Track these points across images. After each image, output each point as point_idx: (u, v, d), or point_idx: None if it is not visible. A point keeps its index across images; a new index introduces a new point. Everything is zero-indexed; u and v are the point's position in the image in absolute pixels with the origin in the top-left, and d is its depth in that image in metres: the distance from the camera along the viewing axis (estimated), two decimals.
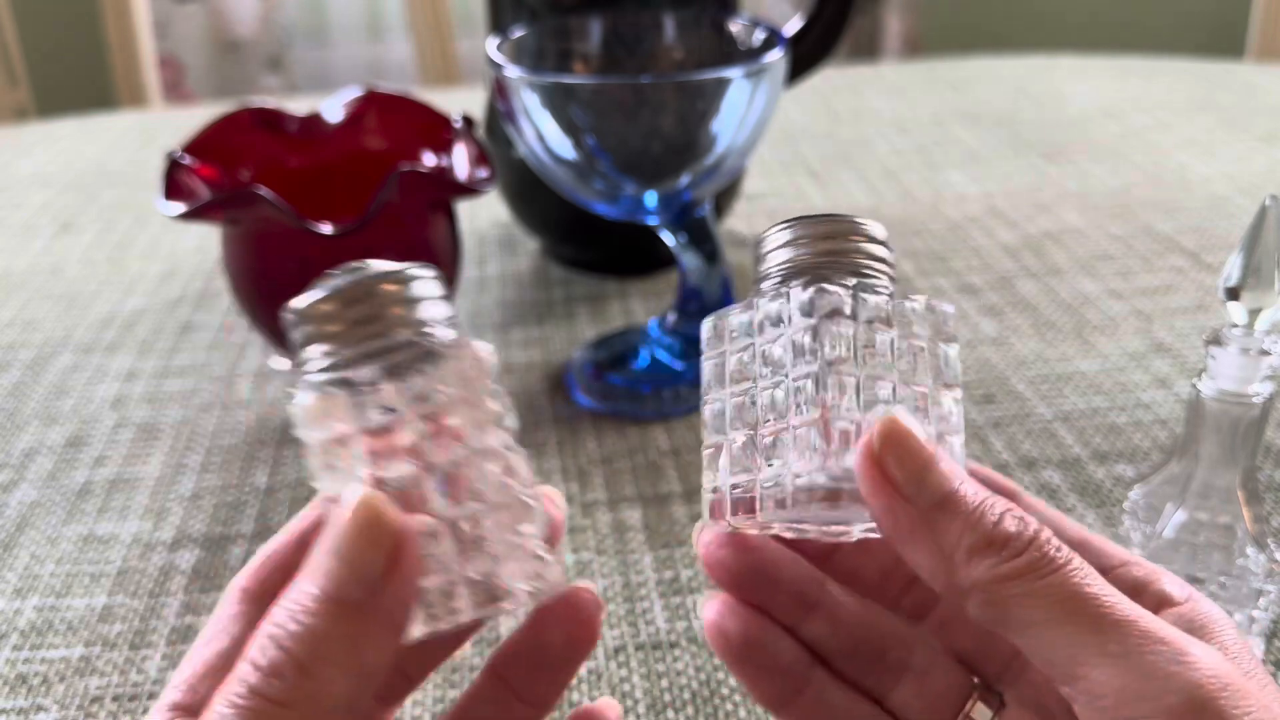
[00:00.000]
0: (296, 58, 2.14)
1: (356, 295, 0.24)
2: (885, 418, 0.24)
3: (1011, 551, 0.23)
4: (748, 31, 0.55)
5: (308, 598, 0.22)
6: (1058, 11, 2.09)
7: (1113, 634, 0.22)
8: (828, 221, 0.27)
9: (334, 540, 0.23)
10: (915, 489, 0.24)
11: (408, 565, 0.23)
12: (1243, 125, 0.91)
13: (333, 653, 0.22)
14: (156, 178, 0.53)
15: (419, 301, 0.24)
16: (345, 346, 0.24)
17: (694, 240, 0.55)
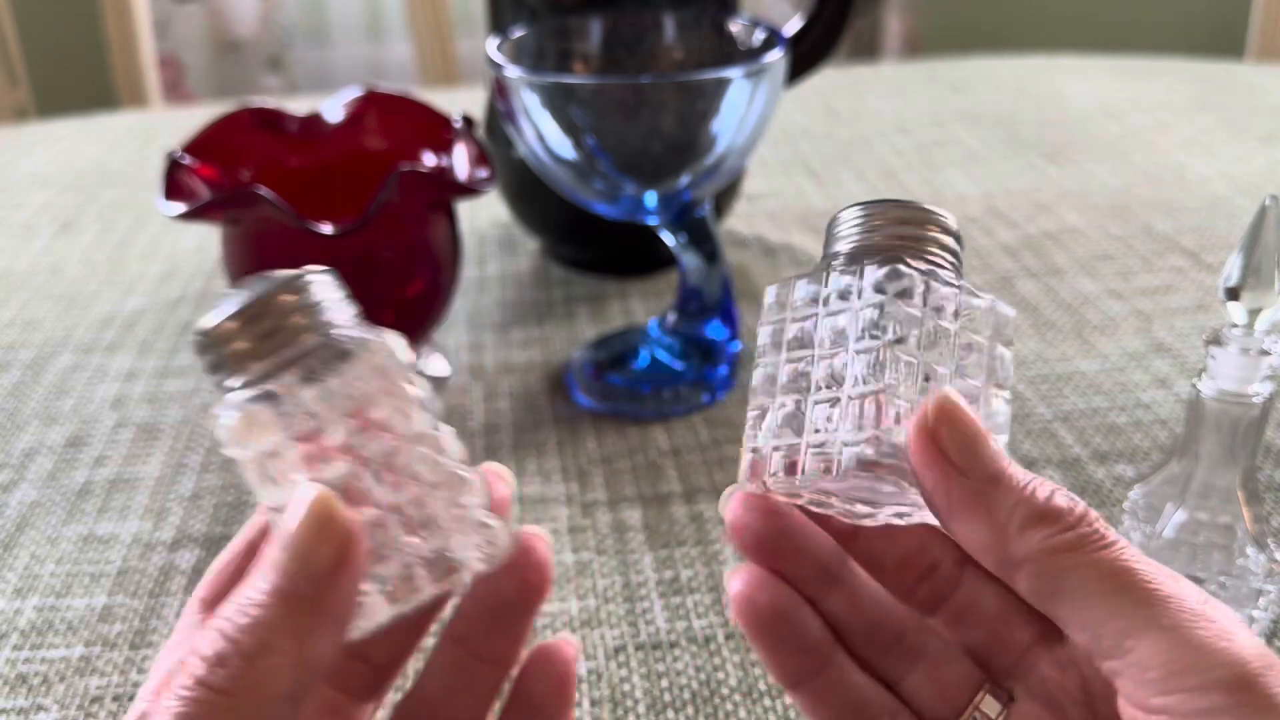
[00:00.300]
0: (296, 58, 2.14)
1: (258, 310, 0.25)
2: (940, 394, 0.25)
3: (1063, 525, 0.24)
4: (748, 31, 0.55)
5: (257, 592, 0.23)
6: (1058, 11, 2.09)
7: (1162, 608, 0.23)
8: (906, 207, 0.27)
9: (285, 536, 0.23)
10: (969, 462, 0.24)
11: (356, 561, 0.23)
12: (1243, 125, 0.91)
13: (279, 644, 0.22)
14: (156, 178, 0.53)
15: (320, 305, 0.25)
16: (257, 360, 0.24)
17: (694, 240, 0.55)
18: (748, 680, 0.40)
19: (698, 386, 0.56)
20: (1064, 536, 0.24)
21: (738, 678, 0.40)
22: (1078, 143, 0.89)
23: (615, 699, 0.39)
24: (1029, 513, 0.24)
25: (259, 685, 0.22)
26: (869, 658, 0.30)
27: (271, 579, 0.23)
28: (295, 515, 0.23)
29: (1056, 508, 0.24)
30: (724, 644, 0.41)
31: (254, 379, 0.24)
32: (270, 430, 0.24)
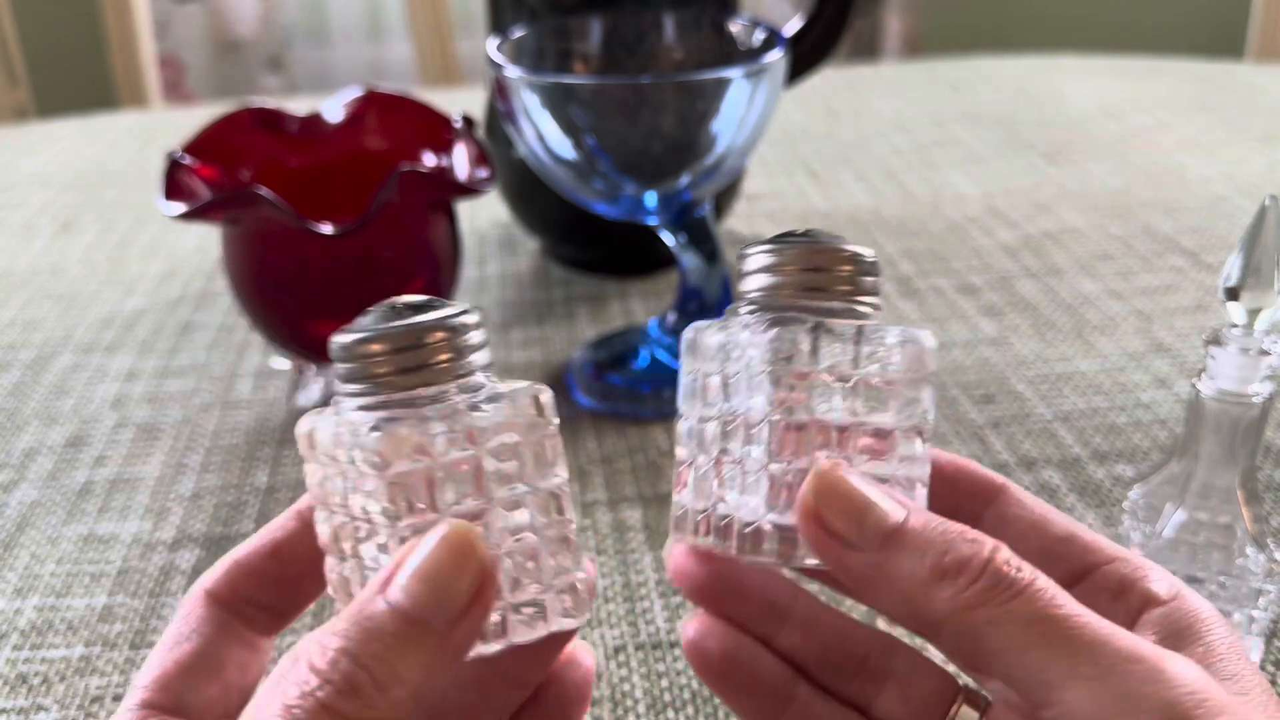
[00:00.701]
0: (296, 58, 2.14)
1: (433, 336, 0.24)
2: (816, 471, 0.24)
3: (969, 577, 0.23)
4: (748, 31, 0.55)
5: (389, 619, 0.22)
6: (1058, 11, 2.09)
7: (1085, 655, 0.22)
8: (808, 248, 0.26)
9: (423, 566, 0.22)
10: (857, 534, 0.24)
11: (489, 598, 0.23)
12: (1243, 125, 0.91)
13: (409, 676, 0.22)
14: (156, 178, 0.53)
15: (478, 344, 0.25)
16: (411, 385, 0.24)
17: (694, 240, 0.55)
18: None
19: None
20: (973, 590, 0.22)
21: None
22: (1078, 143, 0.89)
23: (615, 699, 0.39)
24: (931, 570, 0.23)
25: (383, 718, 0.21)
26: (835, 686, 0.29)
27: (405, 606, 0.22)
28: (432, 546, 0.23)
29: (959, 559, 0.23)
30: None
31: (409, 401, 0.24)
32: (417, 453, 0.24)
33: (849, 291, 0.26)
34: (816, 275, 0.26)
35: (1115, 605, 0.26)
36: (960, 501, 0.28)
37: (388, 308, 0.25)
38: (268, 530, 0.28)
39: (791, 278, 0.26)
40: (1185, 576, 0.36)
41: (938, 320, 0.63)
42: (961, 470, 0.29)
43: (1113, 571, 0.26)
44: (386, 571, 0.23)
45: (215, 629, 0.27)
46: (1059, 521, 0.27)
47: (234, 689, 0.27)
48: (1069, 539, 0.27)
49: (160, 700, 0.25)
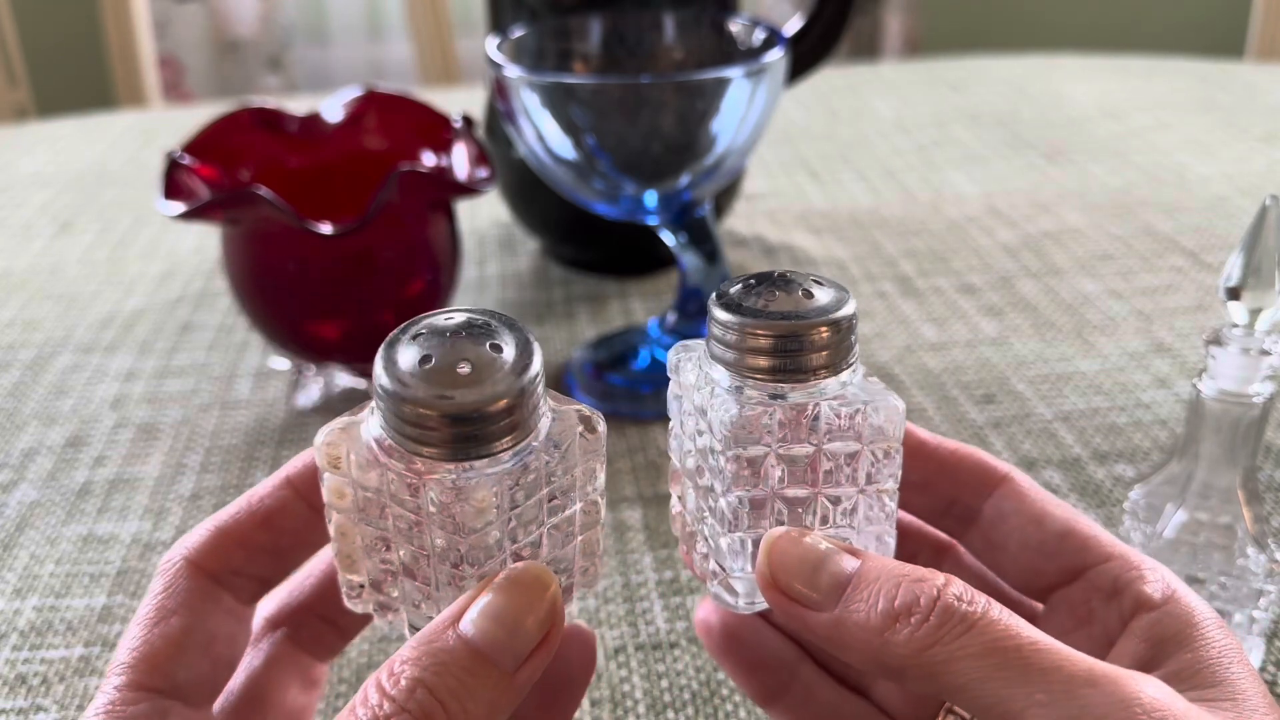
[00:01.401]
0: (296, 58, 2.14)
1: (498, 406, 0.23)
2: (765, 540, 0.24)
3: (920, 616, 0.23)
4: (748, 31, 0.55)
5: (463, 653, 0.22)
6: (1058, 11, 2.09)
7: (1040, 682, 0.22)
8: (780, 326, 0.25)
9: (497, 606, 0.23)
10: (817, 591, 0.24)
11: (554, 642, 0.23)
12: (1243, 125, 0.91)
13: (477, 713, 0.22)
14: (156, 178, 0.53)
15: (541, 391, 0.24)
16: (481, 455, 0.23)
17: (694, 240, 0.55)
18: None
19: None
20: (925, 629, 0.22)
21: None
22: (1078, 143, 0.89)
23: (615, 699, 0.39)
24: (883, 617, 0.23)
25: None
26: (837, 668, 0.30)
27: (478, 644, 0.22)
28: (507, 586, 0.23)
29: (907, 602, 0.23)
30: None
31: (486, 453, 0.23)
32: (491, 508, 0.23)
33: (820, 366, 0.25)
34: (787, 357, 0.25)
35: (1108, 607, 0.26)
36: (959, 492, 0.28)
37: (442, 346, 0.23)
38: (254, 499, 0.27)
39: (761, 355, 0.25)
40: (1186, 577, 0.36)
41: (938, 320, 0.63)
42: (963, 459, 0.28)
43: (1107, 571, 0.26)
44: (457, 606, 0.23)
45: (203, 601, 0.26)
46: (1058, 516, 0.27)
47: (222, 664, 0.26)
48: (1066, 534, 0.27)
49: (148, 680, 0.25)
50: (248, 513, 0.27)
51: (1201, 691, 0.23)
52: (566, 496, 0.25)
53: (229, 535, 0.26)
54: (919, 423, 0.54)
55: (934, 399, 0.56)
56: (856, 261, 0.71)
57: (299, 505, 0.27)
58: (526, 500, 0.24)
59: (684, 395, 0.27)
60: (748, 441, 0.25)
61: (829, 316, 0.25)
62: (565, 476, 0.25)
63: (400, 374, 0.22)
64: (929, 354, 0.60)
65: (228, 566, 0.26)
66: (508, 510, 0.24)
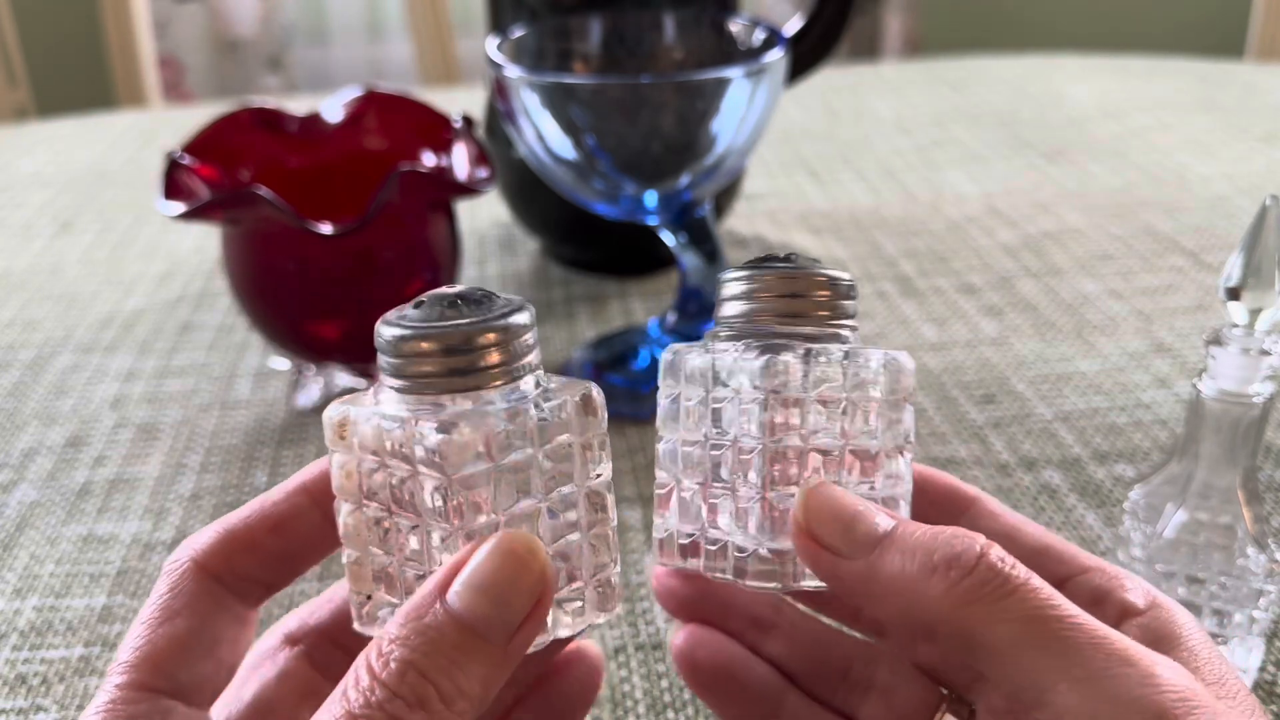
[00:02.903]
0: (296, 58, 2.14)
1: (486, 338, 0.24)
2: (804, 489, 0.25)
3: (961, 570, 0.23)
4: (748, 31, 0.55)
5: (451, 629, 0.22)
6: (1058, 12, 2.09)
7: (1077, 657, 0.22)
8: (785, 275, 0.26)
9: (482, 576, 0.22)
10: (849, 544, 0.24)
11: (544, 611, 0.23)
12: (1243, 125, 0.91)
13: (470, 689, 0.22)
14: (156, 178, 0.53)
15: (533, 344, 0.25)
16: (471, 387, 0.24)
17: (694, 240, 0.55)
18: None
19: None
20: (965, 584, 0.22)
21: None
22: (1078, 143, 0.89)
23: (615, 699, 0.39)
24: (922, 566, 0.23)
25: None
26: (820, 695, 0.30)
27: (465, 619, 0.22)
28: (491, 555, 0.22)
29: (950, 554, 0.23)
30: None
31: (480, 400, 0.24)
32: (480, 456, 0.23)
33: (828, 316, 0.26)
34: (796, 301, 0.26)
35: (1093, 614, 0.26)
36: (929, 512, 0.28)
37: (439, 300, 0.24)
38: (266, 504, 0.27)
39: (771, 304, 0.26)
40: (1186, 577, 0.36)
41: (938, 320, 0.63)
42: (930, 481, 0.29)
43: (1086, 582, 0.26)
44: (443, 574, 0.23)
45: (208, 603, 0.26)
46: (1032, 533, 0.27)
47: (224, 667, 0.26)
48: (1043, 550, 0.27)
49: (150, 680, 0.24)
50: (259, 517, 0.27)
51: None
52: (563, 468, 0.25)
53: (238, 539, 0.26)
54: (919, 422, 0.54)
55: (934, 399, 0.56)
56: (856, 261, 0.71)
57: (312, 512, 0.27)
58: (515, 455, 0.24)
59: (685, 382, 0.27)
60: (779, 388, 0.25)
61: (834, 272, 0.27)
62: (561, 445, 0.25)
63: (395, 316, 0.24)
64: (929, 354, 0.60)
65: (234, 570, 0.26)
66: (495, 455, 0.23)
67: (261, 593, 0.27)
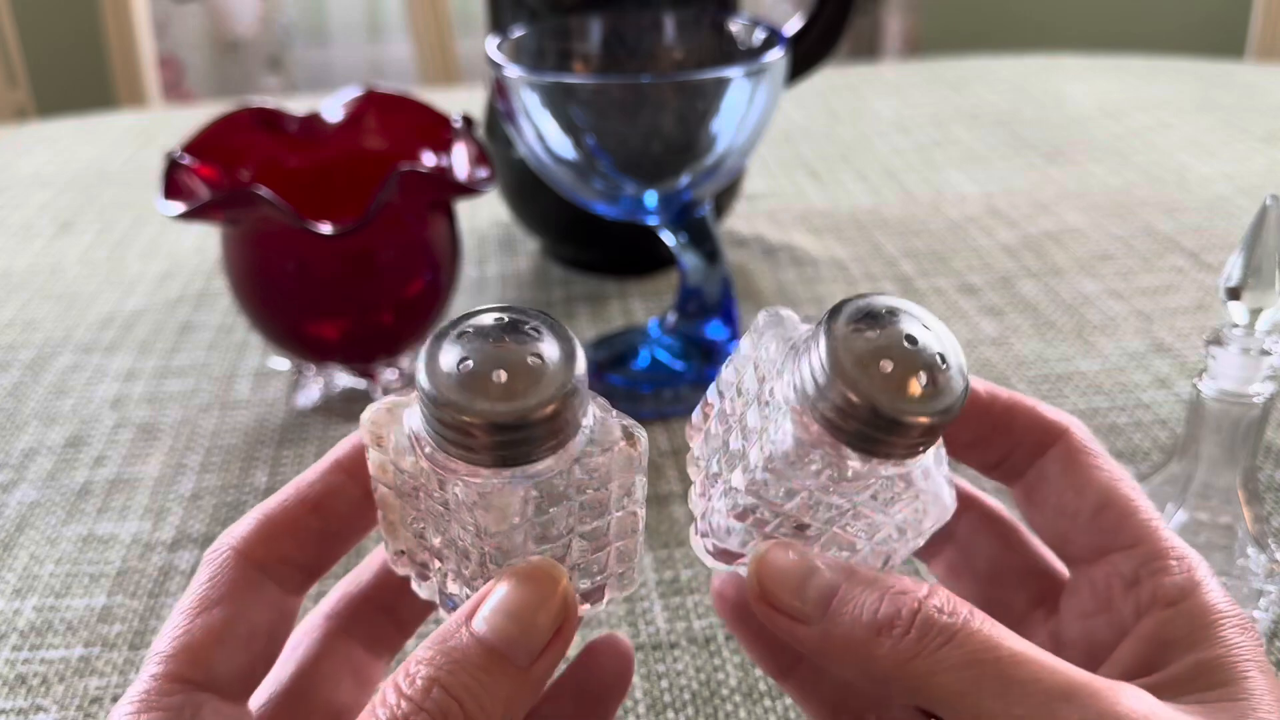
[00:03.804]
0: (296, 58, 2.14)
1: (542, 414, 0.22)
2: (754, 555, 0.24)
3: (901, 629, 0.23)
4: (748, 31, 0.55)
5: (476, 651, 0.22)
6: (1058, 11, 2.09)
7: (1016, 694, 0.22)
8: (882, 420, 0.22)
9: (508, 602, 0.23)
10: (804, 606, 0.24)
11: (569, 635, 0.23)
12: (1243, 125, 0.91)
13: (493, 709, 0.22)
14: (156, 178, 0.53)
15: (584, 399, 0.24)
16: (519, 463, 0.23)
17: (694, 240, 0.55)
18: (748, 681, 0.40)
19: (698, 387, 0.56)
20: (906, 642, 0.22)
21: (738, 678, 0.40)
22: (1078, 143, 0.89)
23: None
24: (866, 631, 0.23)
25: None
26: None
27: (492, 642, 0.22)
28: (518, 582, 0.23)
29: (889, 614, 0.23)
30: (724, 644, 0.41)
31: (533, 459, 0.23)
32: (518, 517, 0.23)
33: (906, 451, 0.23)
34: (882, 435, 0.23)
35: (1125, 598, 0.25)
36: (1013, 450, 0.28)
37: (480, 338, 0.23)
38: (303, 484, 0.26)
39: (863, 416, 0.22)
40: None
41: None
42: (1017, 414, 0.28)
43: (1131, 558, 0.25)
44: (470, 604, 0.23)
45: (248, 592, 0.25)
46: (1098, 487, 0.26)
47: (261, 658, 0.26)
48: (1101, 509, 0.26)
49: (187, 672, 0.24)
50: (296, 500, 0.26)
51: (1204, 694, 0.23)
52: (601, 508, 0.25)
53: (277, 523, 0.26)
54: None
55: None
56: (856, 261, 0.71)
57: (350, 487, 0.26)
58: (553, 509, 0.24)
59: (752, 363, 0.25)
60: (792, 473, 0.24)
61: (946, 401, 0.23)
62: (600, 490, 0.24)
63: (438, 376, 0.22)
64: None
65: (276, 555, 0.26)
66: (532, 519, 0.23)
67: (303, 578, 0.27)
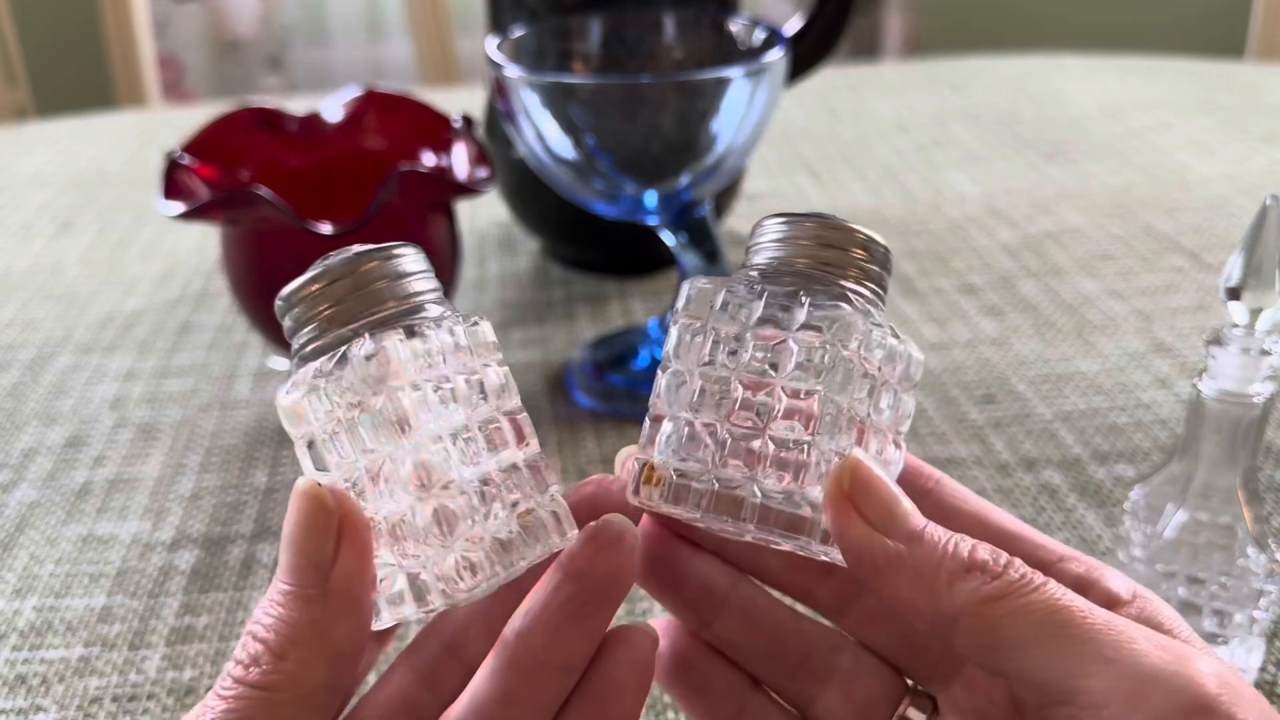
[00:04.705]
0: (296, 58, 2.14)
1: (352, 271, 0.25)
2: (849, 459, 0.24)
3: (990, 574, 0.23)
4: (748, 31, 0.55)
5: (277, 592, 0.24)
6: (1058, 11, 2.09)
7: (1105, 641, 0.22)
8: (837, 227, 0.26)
9: (285, 532, 0.24)
10: (887, 525, 0.24)
11: (354, 546, 0.24)
12: (1243, 125, 0.91)
13: (302, 637, 0.23)
14: (156, 178, 0.53)
15: (421, 271, 0.26)
16: (359, 317, 0.25)
17: (694, 240, 0.55)
18: None
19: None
20: (993, 585, 0.23)
21: None
22: (1078, 143, 0.89)
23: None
24: (955, 567, 0.23)
25: (293, 680, 0.23)
26: (775, 683, 0.29)
27: (283, 576, 0.24)
28: (290, 510, 0.24)
29: (980, 559, 0.24)
30: None
31: (356, 332, 0.25)
32: (405, 369, 0.24)
33: (859, 276, 0.26)
34: (832, 252, 0.25)
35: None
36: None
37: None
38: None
39: (809, 252, 0.26)
40: (1186, 577, 0.36)
41: (938, 320, 0.63)
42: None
43: (1066, 570, 0.26)
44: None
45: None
46: (1001, 519, 0.27)
47: (358, 675, 0.26)
48: (1017, 536, 0.27)
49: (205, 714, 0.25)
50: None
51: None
52: (479, 385, 0.25)
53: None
54: (919, 422, 0.54)
55: (934, 399, 0.56)
56: None
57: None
58: (431, 367, 0.24)
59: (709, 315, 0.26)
60: (840, 339, 0.24)
61: (871, 233, 0.26)
62: (465, 355, 0.25)
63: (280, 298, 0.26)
64: (929, 354, 0.60)
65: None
66: (416, 368, 0.24)
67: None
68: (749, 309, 0.25)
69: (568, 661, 0.25)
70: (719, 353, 0.25)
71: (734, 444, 0.25)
